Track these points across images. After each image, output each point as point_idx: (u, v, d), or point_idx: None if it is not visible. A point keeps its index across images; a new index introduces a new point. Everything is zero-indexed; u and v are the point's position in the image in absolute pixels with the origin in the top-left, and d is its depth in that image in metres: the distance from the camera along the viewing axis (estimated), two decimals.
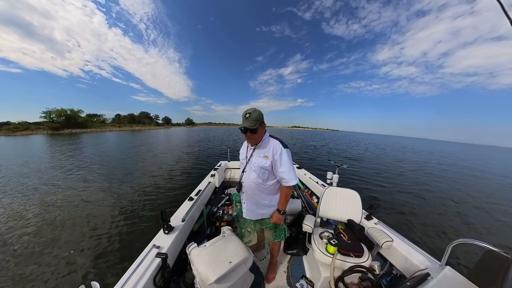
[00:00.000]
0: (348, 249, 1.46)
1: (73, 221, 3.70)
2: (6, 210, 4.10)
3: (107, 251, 2.87)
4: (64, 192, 5.25)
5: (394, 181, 7.54)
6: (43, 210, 4.17)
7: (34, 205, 4.39)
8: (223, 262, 1.12)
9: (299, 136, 42.86)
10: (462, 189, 7.22)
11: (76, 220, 3.76)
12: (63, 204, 4.48)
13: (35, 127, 41.03)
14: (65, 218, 3.81)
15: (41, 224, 3.60)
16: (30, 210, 4.13)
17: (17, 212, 4.02)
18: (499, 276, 0.90)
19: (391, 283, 1.55)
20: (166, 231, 1.51)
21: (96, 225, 3.56)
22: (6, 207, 4.28)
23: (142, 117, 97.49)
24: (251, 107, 1.33)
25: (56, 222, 3.68)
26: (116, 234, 3.28)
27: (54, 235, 3.25)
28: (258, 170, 1.36)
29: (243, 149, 1.57)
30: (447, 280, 1.08)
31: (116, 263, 2.63)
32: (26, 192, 5.23)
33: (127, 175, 6.98)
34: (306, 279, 1.73)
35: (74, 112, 52.38)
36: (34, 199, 4.73)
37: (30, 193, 5.12)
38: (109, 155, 11.20)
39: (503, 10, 0.74)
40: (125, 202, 4.61)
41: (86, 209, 4.21)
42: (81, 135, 29.62)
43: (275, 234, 1.57)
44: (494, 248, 0.95)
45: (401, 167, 10.81)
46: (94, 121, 65.83)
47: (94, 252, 2.84)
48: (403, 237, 1.59)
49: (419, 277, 1.19)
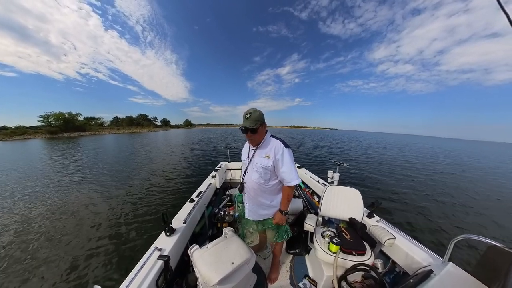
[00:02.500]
0: (350, 248, 1.46)
1: (74, 225, 3.67)
2: (9, 215, 4.07)
3: (109, 254, 2.86)
4: (65, 196, 5.22)
5: (395, 179, 7.56)
6: (43, 214, 4.14)
7: (34, 210, 4.36)
8: (225, 263, 1.11)
9: (298, 136, 42.91)
10: (463, 185, 7.25)
11: (77, 224, 3.73)
12: (63, 208, 4.45)
13: (33, 131, 40.81)
14: (66, 222, 3.78)
15: (42, 228, 3.57)
16: (31, 216, 4.10)
17: (18, 217, 3.99)
18: (502, 271, 0.90)
19: (394, 280, 1.55)
20: (167, 233, 1.50)
21: (97, 229, 3.54)
22: (8, 211, 4.25)
23: (141, 120, 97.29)
24: (250, 107, 1.33)
25: (57, 226, 3.66)
26: (118, 237, 3.27)
27: (55, 239, 3.24)
28: (260, 170, 1.36)
29: (244, 150, 1.56)
30: (450, 276, 1.07)
31: (118, 267, 2.61)
32: (26, 196, 5.20)
33: (127, 178, 6.96)
34: (309, 278, 1.73)
35: (72, 116, 52.21)
36: (35, 204, 4.70)
37: (30, 198, 5.09)
38: (109, 158, 11.16)
39: (499, 5, 0.74)
40: (126, 205, 4.59)
41: (86, 213, 4.19)
42: (80, 139, 29.49)
43: (277, 235, 1.57)
44: (497, 244, 0.95)
45: (401, 164, 10.84)
46: (92, 124, 65.62)
47: (95, 256, 2.82)
48: (405, 234, 1.59)
49: (422, 274, 1.19)
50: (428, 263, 1.28)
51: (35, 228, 3.59)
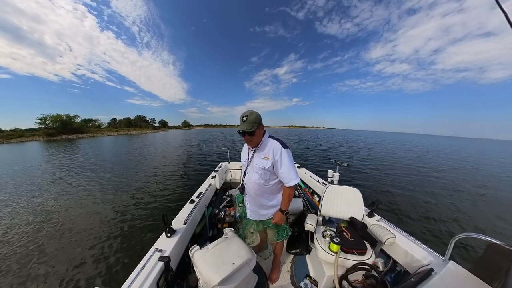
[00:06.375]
0: (351, 247, 1.46)
1: (74, 227, 3.65)
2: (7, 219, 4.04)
3: (109, 256, 2.84)
4: (65, 198, 5.18)
5: (395, 177, 7.58)
6: (43, 217, 4.10)
7: (34, 212, 4.32)
8: (226, 264, 1.11)
9: (296, 136, 42.97)
10: (463, 182, 7.28)
11: (78, 225, 3.71)
12: (63, 210, 4.42)
13: (30, 134, 40.50)
14: (66, 224, 3.76)
15: (42, 230, 3.55)
16: (30, 218, 4.07)
17: (17, 220, 3.96)
18: (503, 269, 0.91)
19: (395, 279, 1.55)
20: (168, 235, 1.49)
21: (98, 230, 3.52)
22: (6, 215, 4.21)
23: (139, 121, 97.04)
24: (248, 108, 1.32)
25: (57, 228, 3.63)
26: (118, 239, 3.25)
27: (55, 241, 3.21)
28: (259, 171, 1.36)
29: (244, 151, 1.56)
30: (450, 274, 1.08)
31: (119, 268, 2.60)
32: (26, 199, 5.15)
33: (127, 180, 6.92)
34: (310, 278, 1.72)
35: (70, 118, 51.88)
36: (35, 206, 4.66)
37: (30, 199, 5.05)
38: (108, 160, 11.10)
39: (497, 3, 0.74)
40: (126, 206, 4.57)
41: (87, 215, 4.16)
42: (78, 141, 29.29)
43: (277, 234, 1.57)
44: (497, 241, 0.96)
45: (400, 162, 10.87)
46: (90, 126, 65.32)
47: (96, 257, 2.81)
48: (406, 233, 1.59)
49: (423, 272, 1.19)
50: (429, 262, 1.29)
51: (34, 229, 3.56)
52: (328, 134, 66.03)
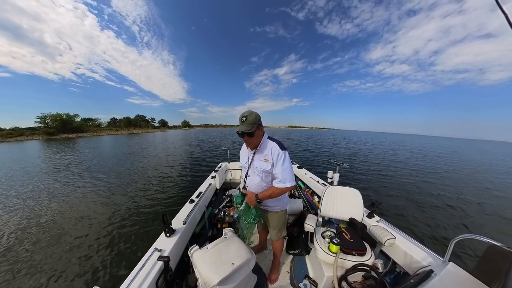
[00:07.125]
0: (350, 248, 1.46)
1: (73, 227, 3.65)
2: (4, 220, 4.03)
3: (109, 255, 2.84)
4: (64, 197, 5.18)
5: (395, 178, 7.58)
6: (43, 216, 4.10)
7: (33, 211, 4.32)
8: (225, 264, 1.10)
9: (296, 136, 42.96)
10: (463, 184, 7.28)
11: (77, 225, 3.70)
12: (62, 209, 4.41)
13: (30, 133, 40.48)
14: (65, 224, 3.75)
15: (41, 230, 3.54)
16: (30, 217, 4.06)
17: (15, 219, 3.95)
18: (502, 270, 0.90)
19: (394, 280, 1.55)
20: (167, 234, 1.49)
21: (96, 230, 3.51)
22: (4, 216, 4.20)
23: (139, 120, 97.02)
24: (248, 108, 1.31)
25: (56, 227, 3.63)
26: (117, 238, 3.25)
27: (54, 241, 3.21)
28: (261, 174, 1.36)
29: (243, 153, 1.55)
30: (450, 276, 1.07)
31: (118, 268, 2.60)
32: (25, 199, 5.16)
33: (127, 179, 6.92)
34: (309, 279, 1.72)
35: (70, 117, 51.89)
36: (34, 206, 4.66)
37: (29, 199, 5.05)
38: (108, 159, 11.09)
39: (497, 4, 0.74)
40: (126, 206, 4.56)
41: (86, 214, 4.16)
42: (78, 140, 29.28)
43: (252, 216, 1.47)
44: (497, 243, 0.95)
45: (400, 163, 10.86)
46: (90, 125, 65.31)
47: (95, 257, 2.80)
48: (406, 234, 1.59)
49: (423, 274, 1.19)
50: (429, 263, 1.28)
51: (33, 230, 3.56)
52: (328, 134, 66.06)
